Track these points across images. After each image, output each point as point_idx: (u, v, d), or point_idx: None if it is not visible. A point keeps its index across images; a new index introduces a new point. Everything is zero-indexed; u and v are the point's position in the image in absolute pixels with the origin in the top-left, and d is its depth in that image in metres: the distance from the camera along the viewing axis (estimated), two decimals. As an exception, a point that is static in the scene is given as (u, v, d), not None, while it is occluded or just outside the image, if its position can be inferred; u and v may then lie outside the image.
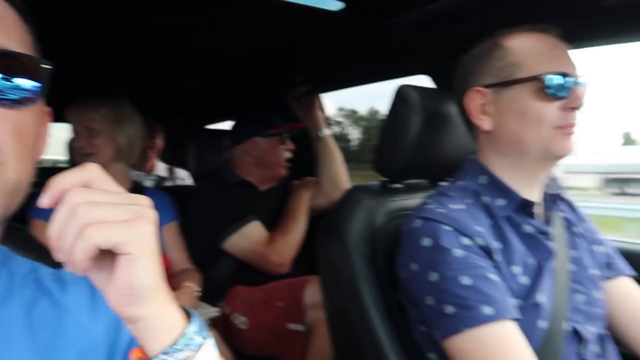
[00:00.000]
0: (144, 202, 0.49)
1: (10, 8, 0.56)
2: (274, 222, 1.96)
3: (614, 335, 1.04)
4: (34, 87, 0.54)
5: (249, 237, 1.85)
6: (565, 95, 0.94)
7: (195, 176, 2.80)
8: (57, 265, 0.67)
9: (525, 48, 0.98)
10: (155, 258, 0.48)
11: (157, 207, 0.50)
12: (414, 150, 1.17)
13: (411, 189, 1.28)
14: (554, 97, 0.94)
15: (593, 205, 11.96)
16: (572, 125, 0.95)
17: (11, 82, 0.52)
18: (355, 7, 1.28)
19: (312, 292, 1.68)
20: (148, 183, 3.03)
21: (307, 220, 1.96)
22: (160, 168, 3.15)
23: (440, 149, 1.21)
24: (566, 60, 0.98)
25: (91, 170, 0.48)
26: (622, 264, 1.11)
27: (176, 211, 1.89)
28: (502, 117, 1.00)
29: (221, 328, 1.73)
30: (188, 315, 0.53)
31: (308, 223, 1.96)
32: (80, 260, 0.44)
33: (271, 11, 1.30)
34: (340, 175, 2.05)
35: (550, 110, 0.94)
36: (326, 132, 2.07)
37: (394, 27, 1.37)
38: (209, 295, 1.80)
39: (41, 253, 0.91)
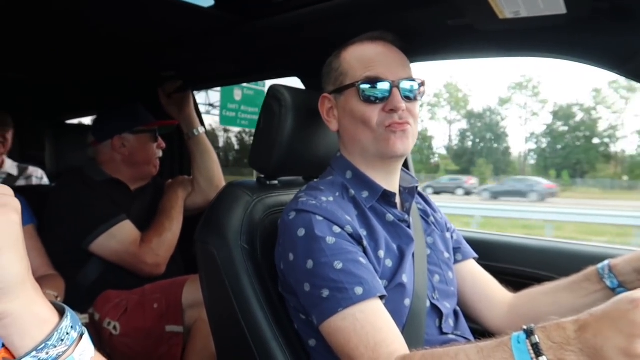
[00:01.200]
0: (5, 191, 0.47)
1: None
2: (146, 222, 1.89)
3: (464, 311, 1.21)
4: None
5: (119, 237, 1.77)
6: (382, 99, 1.05)
7: (52, 175, 2.57)
8: None
9: (351, 57, 1.12)
10: (21, 249, 0.47)
11: None
12: (287, 147, 1.23)
13: (286, 186, 1.34)
14: (373, 101, 1.06)
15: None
16: (397, 124, 1.05)
17: None
18: (225, 4, 1.31)
19: (191, 292, 1.66)
20: (-6, 183, 2.71)
21: (181, 219, 1.93)
22: (10, 165, 2.84)
23: (312, 147, 1.29)
24: (388, 66, 1.08)
25: None
26: (468, 248, 1.30)
27: (31, 213, 1.73)
28: (342, 119, 1.13)
29: (91, 336, 1.62)
30: (59, 310, 0.51)
31: (183, 222, 1.93)
32: None
33: (143, 3, 1.27)
34: (215, 173, 2.05)
35: (372, 112, 1.06)
36: (200, 129, 2.05)
37: (263, 28, 1.42)
38: (75, 303, 1.68)
39: None
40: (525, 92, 45.18)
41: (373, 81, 1.05)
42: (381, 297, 0.95)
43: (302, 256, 0.97)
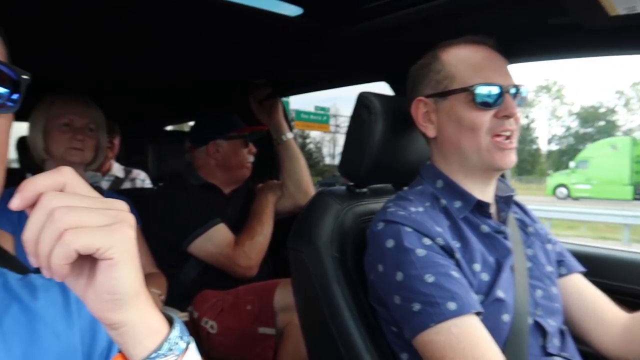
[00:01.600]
0: (122, 207, 0.48)
1: None
2: (239, 224, 1.96)
3: (571, 330, 1.12)
4: (12, 97, 0.54)
5: (215, 239, 1.86)
6: (496, 105, 1.01)
7: (154, 178, 2.77)
8: (24, 272, 0.66)
9: (456, 61, 1.06)
10: (136, 263, 0.48)
11: None
12: (377, 155, 1.21)
13: (376, 194, 1.33)
14: (485, 107, 1.01)
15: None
16: (507, 131, 1.01)
17: None
18: (313, 13, 1.32)
19: (283, 295, 1.71)
20: (104, 184, 2.96)
21: (272, 223, 1.98)
22: (117, 169, 3.09)
23: (402, 154, 1.27)
24: (498, 71, 1.04)
25: (66, 174, 0.47)
26: (573, 261, 1.20)
27: (137, 214, 1.86)
28: (443, 125, 1.07)
29: (190, 333, 1.72)
30: (169, 320, 0.53)
31: (273, 226, 1.98)
32: (58, 265, 0.43)
33: (231, 14, 1.31)
34: (303, 178, 2.08)
35: (484, 118, 1.01)
36: (289, 135, 2.09)
37: (351, 34, 1.41)
38: (175, 300, 1.80)
39: (7, 260, 0.89)
40: (550, 94, 43.34)
41: (487, 86, 1.01)
42: (478, 314, 0.91)
43: (391, 268, 0.96)
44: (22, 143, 2.46)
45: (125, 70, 2.04)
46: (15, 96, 0.53)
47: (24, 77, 0.53)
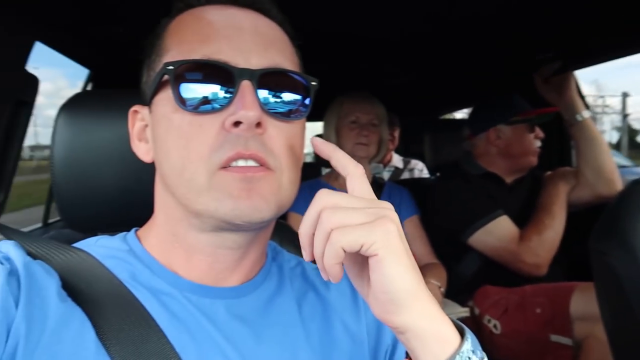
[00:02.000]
0: (384, 205, 0.48)
1: (284, 34, 0.61)
2: (523, 217, 1.78)
3: None
4: (305, 102, 0.58)
5: (496, 233, 1.73)
6: None
7: (431, 168, 2.78)
8: None
9: None
10: (406, 260, 0.46)
11: (398, 201, 0.48)
12: None
13: None
14: None
15: None
16: None
17: (286, 98, 0.56)
18: None
19: (581, 302, 1.48)
20: (385, 175, 3.15)
21: (565, 216, 1.73)
22: (397, 160, 3.24)
23: None
24: None
25: (360, 170, 0.51)
26: None
27: (415, 204, 1.88)
28: None
29: (471, 329, 1.64)
30: (459, 329, 0.49)
31: (566, 219, 1.73)
32: (330, 265, 0.45)
33: None
34: (605, 163, 1.74)
35: None
36: (585, 114, 1.77)
37: None
38: (453, 293, 1.75)
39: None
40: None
41: None
42: None
43: None
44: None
45: (402, 65, 2.09)
46: (307, 101, 0.58)
47: (313, 83, 0.58)
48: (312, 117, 0.64)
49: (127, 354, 0.50)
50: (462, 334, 0.49)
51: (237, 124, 0.51)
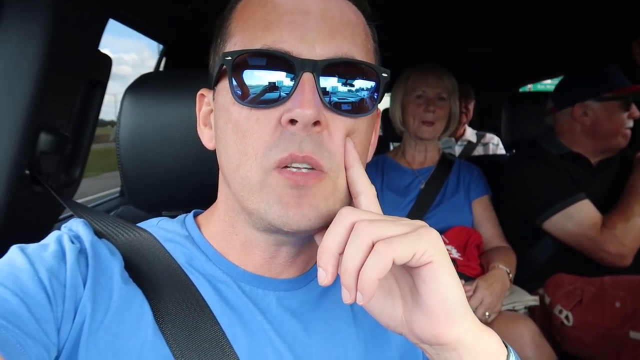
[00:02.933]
0: (413, 222, 0.45)
1: (359, 15, 0.56)
2: (608, 202, 1.64)
3: None
4: (374, 96, 0.53)
5: (576, 218, 1.61)
6: None
7: (507, 144, 2.63)
8: None
9: None
10: (454, 269, 0.44)
11: (468, 179, 0.45)
12: None
13: None
14: None
15: None
16: None
17: (352, 91, 0.52)
18: None
19: None
20: (457, 149, 3.02)
21: None
22: (470, 133, 3.09)
23: None
24: None
25: (373, 191, 0.51)
26: None
27: (487, 184, 1.79)
28: None
29: (540, 319, 1.57)
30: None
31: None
32: (371, 281, 0.41)
33: None
34: None
35: None
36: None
37: None
38: (522, 280, 1.67)
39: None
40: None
41: None
42: None
43: None
44: (385, 114, 2.74)
45: (482, 35, 1.95)
46: (375, 95, 0.54)
47: (384, 75, 0.54)
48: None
49: (181, 338, 0.51)
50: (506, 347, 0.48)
51: (293, 121, 0.49)
